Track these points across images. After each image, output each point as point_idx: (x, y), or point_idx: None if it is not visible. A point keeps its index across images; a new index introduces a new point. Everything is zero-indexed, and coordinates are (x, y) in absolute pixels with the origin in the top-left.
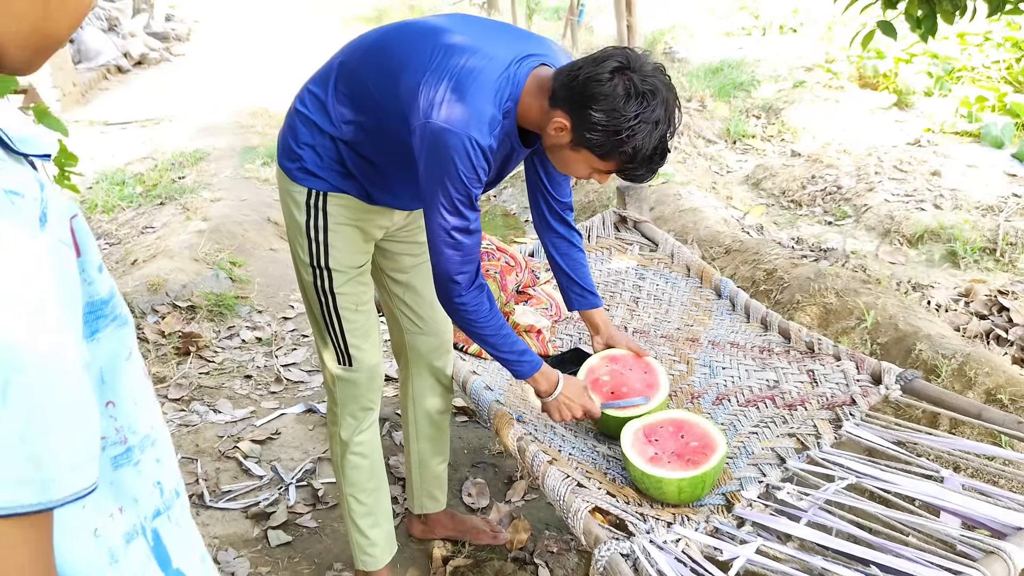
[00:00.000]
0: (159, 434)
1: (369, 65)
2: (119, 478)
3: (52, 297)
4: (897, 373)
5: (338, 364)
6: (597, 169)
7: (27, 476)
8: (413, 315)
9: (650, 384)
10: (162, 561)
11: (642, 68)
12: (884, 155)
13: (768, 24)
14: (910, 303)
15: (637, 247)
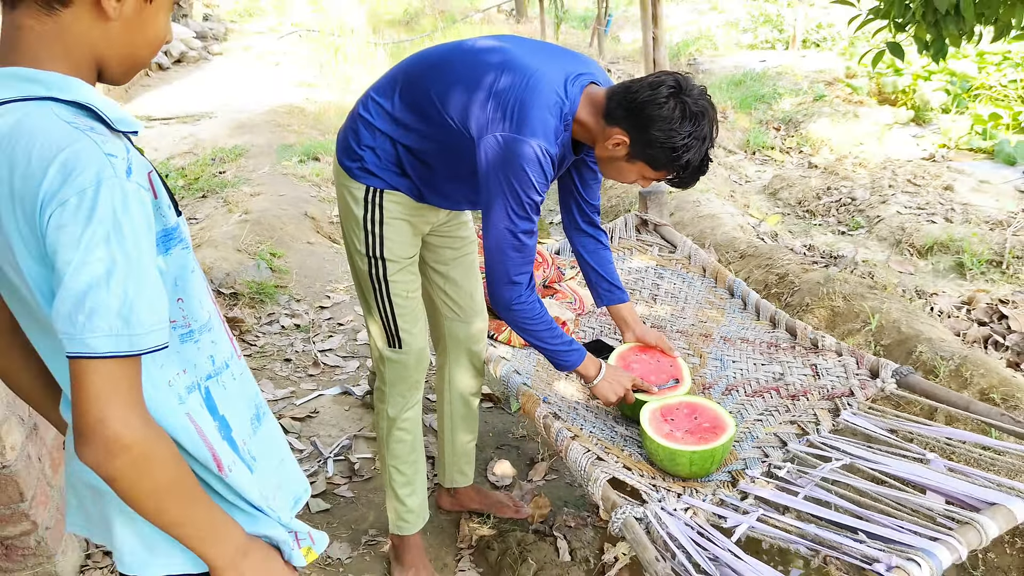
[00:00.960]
0: (214, 323)
1: (433, 79)
2: (184, 350)
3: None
4: (893, 368)
5: (389, 347)
6: (647, 177)
7: (120, 331)
8: (453, 304)
9: (675, 376)
10: (211, 409)
11: (692, 92)
12: (899, 169)
13: (791, 38)
14: (914, 309)
15: (657, 249)
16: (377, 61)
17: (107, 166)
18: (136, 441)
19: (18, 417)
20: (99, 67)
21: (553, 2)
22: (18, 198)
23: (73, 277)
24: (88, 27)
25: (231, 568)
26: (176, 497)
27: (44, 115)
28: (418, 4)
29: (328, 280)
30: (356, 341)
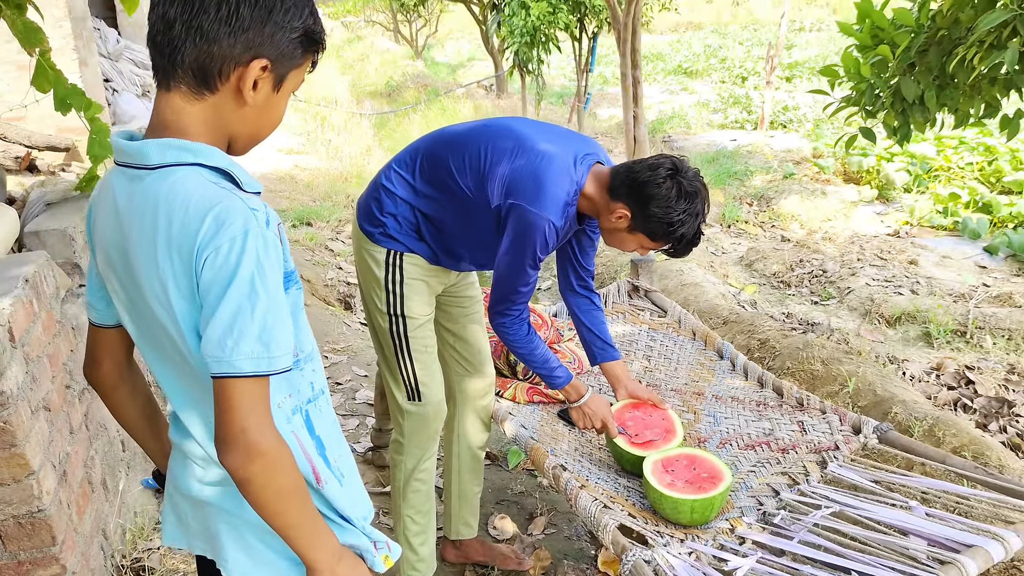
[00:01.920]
0: (315, 355)
1: (452, 155)
2: (291, 376)
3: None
4: (874, 425)
5: (409, 400)
6: (645, 247)
7: (262, 355)
8: (462, 359)
9: (668, 429)
10: (310, 429)
11: (687, 173)
12: (866, 244)
13: (759, 119)
14: (887, 373)
15: (648, 313)
16: (362, 131)
17: (252, 218)
18: (270, 448)
19: (51, 464)
20: (230, 141)
21: (534, 79)
22: (175, 245)
23: (225, 308)
24: (229, 110)
25: (328, 571)
26: (294, 501)
27: (195, 177)
28: (400, 78)
29: (325, 341)
30: (355, 400)
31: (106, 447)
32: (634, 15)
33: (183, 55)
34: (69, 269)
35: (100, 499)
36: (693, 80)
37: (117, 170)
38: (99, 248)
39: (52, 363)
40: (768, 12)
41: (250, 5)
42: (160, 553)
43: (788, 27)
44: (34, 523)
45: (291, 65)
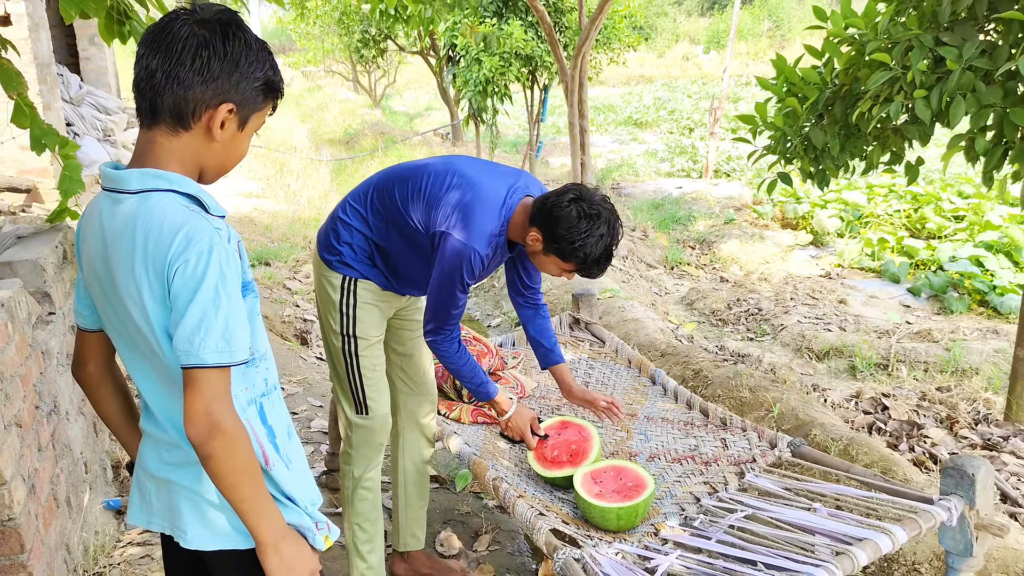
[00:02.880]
0: (268, 355)
1: (399, 188)
2: (248, 372)
3: (232, 271)
4: (788, 440)
5: (357, 413)
6: (563, 268)
7: (224, 349)
8: (408, 379)
9: (586, 438)
10: (263, 419)
11: (591, 198)
12: (799, 284)
13: (704, 168)
14: (810, 399)
15: (588, 343)
16: (320, 177)
17: (216, 235)
18: (230, 428)
19: (21, 477)
20: (200, 171)
21: (488, 129)
22: (150, 257)
23: (193, 310)
24: (200, 145)
25: (273, 545)
26: (248, 477)
27: (168, 201)
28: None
29: (283, 374)
30: (310, 428)
31: (70, 467)
32: (581, 69)
33: (163, 99)
34: (40, 297)
35: (64, 515)
36: (643, 131)
37: (103, 194)
38: (85, 261)
39: (24, 383)
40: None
41: (220, 58)
42: (120, 569)
43: (736, 82)
44: (4, 531)
45: (253, 108)
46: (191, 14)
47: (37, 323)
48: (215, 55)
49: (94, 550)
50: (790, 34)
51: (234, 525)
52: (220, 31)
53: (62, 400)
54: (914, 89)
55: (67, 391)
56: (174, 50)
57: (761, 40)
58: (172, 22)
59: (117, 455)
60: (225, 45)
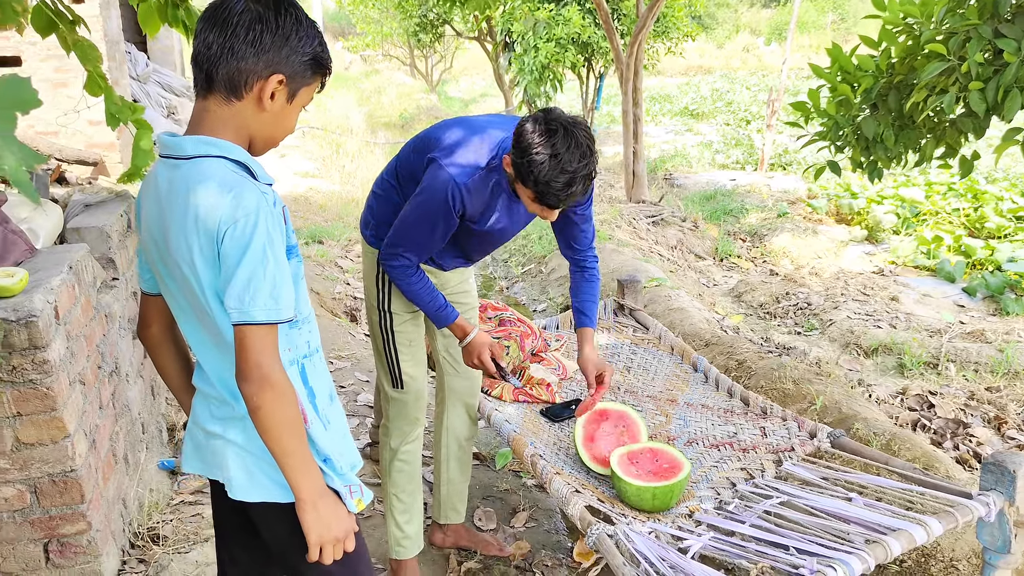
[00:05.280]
0: (311, 318)
1: (417, 150)
2: (291, 333)
3: (278, 234)
4: (828, 431)
5: (392, 387)
6: (529, 198)
7: (272, 307)
8: (453, 361)
9: (632, 433)
10: (304, 379)
11: (557, 118)
12: (851, 280)
13: (759, 160)
14: (854, 394)
15: (631, 329)
16: (375, 159)
17: (263, 199)
18: (278, 381)
19: (83, 431)
20: (249, 142)
21: None
22: (201, 220)
23: (243, 270)
24: (250, 114)
25: (311, 502)
26: (292, 431)
27: (219, 167)
28: (414, 110)
29: (331, 348)
30: (356, 402)
31: (129, 426)
32: (636, 57)
33: (218, 70)
34: (104, 263)
35: (122, 472)
36: (698, 122)
37: (160, 161)
38: (144, 226)
39: (88, 343)
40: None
41: (272, 32)
42: (172, 526)
43: (796, 75)
44: (66, 482)
45: (302, 82)
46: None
47: (101, 287)
48: (267, 29)
49: (148, 506)
50: (855, 27)
51: (275, 479)
52: (273, 7)
53: (123, 362)
54: (969, 81)
55: (128, 354)
56: (230, 24)
57: (825, 33)
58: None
59: (172, 418)
60: (277, 19)
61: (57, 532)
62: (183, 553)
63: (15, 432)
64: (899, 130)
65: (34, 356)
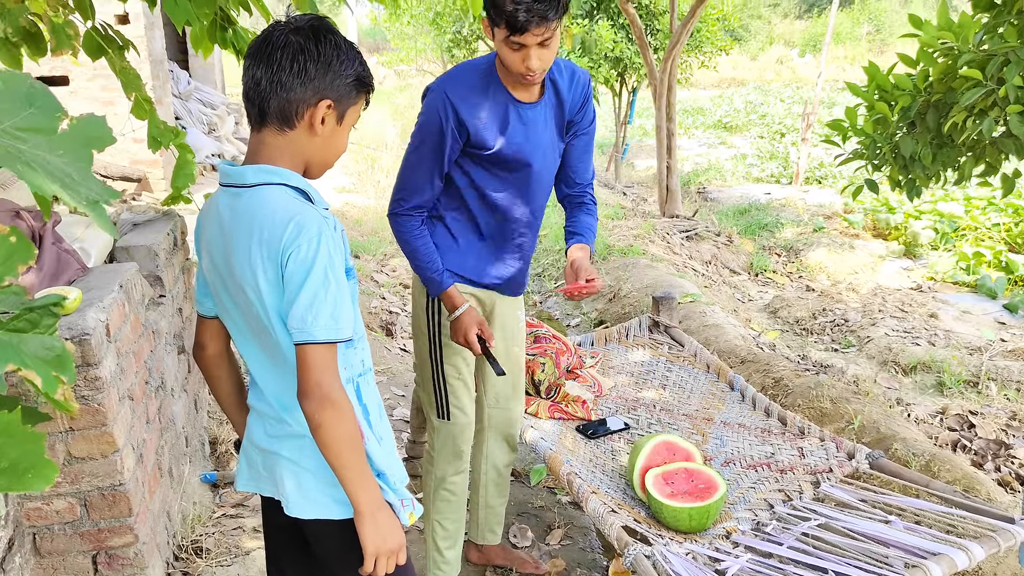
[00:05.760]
0: (364, 338)
1: None
2: (347, 353)
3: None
4: (867, 452)
5: (438, 417)
6: (501, 40)
7: (332, 327)
8: (495, 392)
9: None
10: (358, 397)
11: None
12: (889, 296)
13: (794, 174)
14: (892, 413)
15: (667, 347)
16: None
17: (324, 223)
18: (338, 400)
19: (132, 446)
20: (305, 167)
21: None
22: (266, 244)
23: (305, 292)
24: (304, 141)
25: (370, 514)
26: (352, 447)
27: (280, 194)
28: None
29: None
30: (392, 416)
31: (173, 440)
32: (670, 72)
33: (269, 104)
34: (152, 280)
35: (166, 485)
36: (732, 135)
37: (221, 190)
38: (205, 252)
39: (136, 359)
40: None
41: (314, 61)
42: (215, 538)
43: (832, 86)
44: (115, 495)
45: (349, 103)
46: (286, 25)
47: (149, 304)
48: (310, 58)
49: (192, 519)
50: (891, 38)
51: (330, 496)
52: (313, 36)
53: (168, 377)
54: (1007, 104)
55: (173, 369)
56: (274, 58)
57: (860, 44)
58: (270, 34)
59: (215, 432)
60: (318, 48)
61: (105, 544)
62: (225, 566)
63: (67, 447)
64: (937, 149)
65: (86, 373)
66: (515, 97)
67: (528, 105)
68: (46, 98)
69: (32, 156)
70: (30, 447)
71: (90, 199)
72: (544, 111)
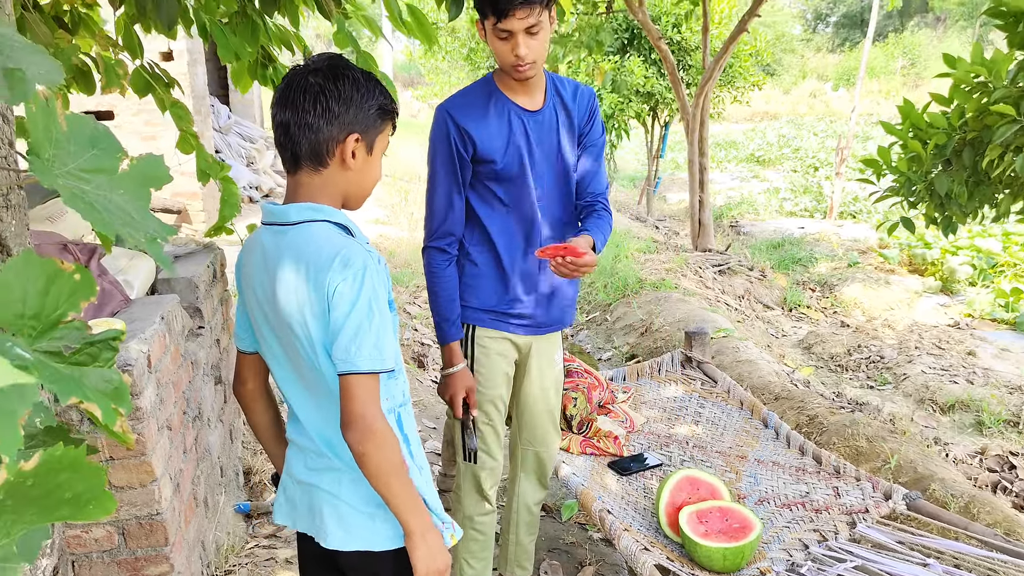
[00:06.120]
0: (403, 369)
1: None
2: (388, 383)
3: (382, 289)
4: (904, 493)
5: (464, 460)
6: (490, 29)
7: (376, 357)
8: (529, 433)
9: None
10: (399, 427)
11: None
12: (925, 333)
13: (828, 209)
14: (930, 453)
15: (699, 382)
16: None
17: (368, 257)
18: (381, 429)
19: (169, 475)
20: (344, 200)
21: (606, 163)
22: (311, 279)
23: (350, 323)
24: (338, 176)
25: (421, 536)
26: (398, 474)
27: (324, 230)
28: None
29: None
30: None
31: (209, 470)
32: (703, 107)
33: (300, 147)
34: (192, 312)
35: (202, 515)
36: (765, 168)
37: (264, 228)
38: (247, 288)
39: (175, 389)
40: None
41: (336, 99)
42: (248, 569)
43: (866, 120)
44: (152, 524)
45: (376, 132)
46: (304, 68)
47: (189, 335)
48: (332, 97)
49: (225, 549)
50: (925, 72)
51: (370, 528)
52: (331, 75)
53: (205, 407)
54: None
55: (210, 399)
56: (298, 103)
57: (894, 78)
58: (291, 80)
59: (249, 462)
60: (338, 86)
61: (142, 573)
62: None
63: (108, 476)
64: (974, 186)
65: None
66: (518, 105)
67: (533, 112)
68: (108, 139)
69: (95, 196)
70: (93, 481)
71: (149, 236)
72: (551, 116)
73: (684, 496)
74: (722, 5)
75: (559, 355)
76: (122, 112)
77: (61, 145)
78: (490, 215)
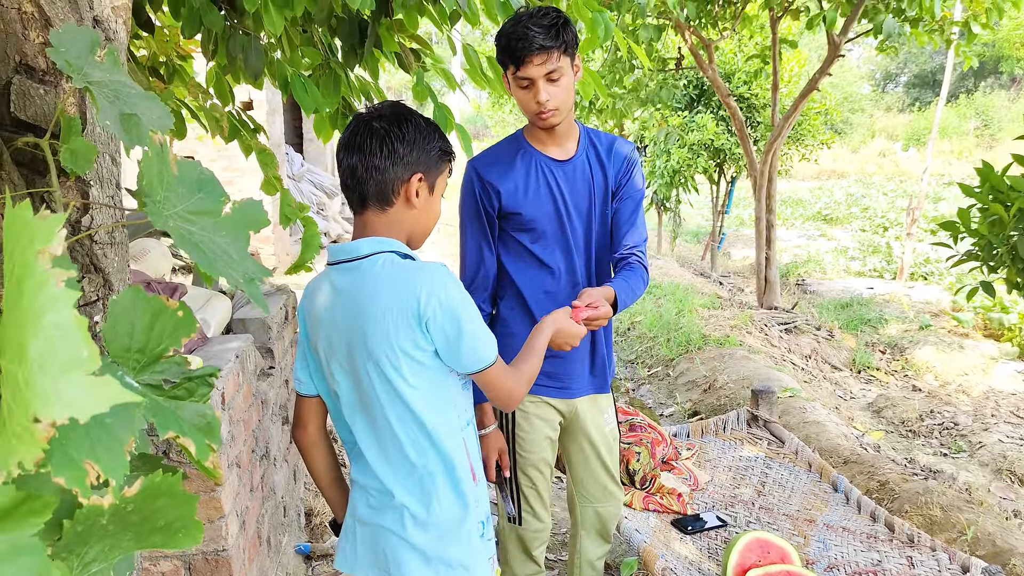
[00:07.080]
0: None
1: None
2: (463, 394)
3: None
4: (983, 567)
5: (509, 521)
6: (511, 78)
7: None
8: (587, 492)
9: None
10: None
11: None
12: (1002, 400)
13: (898, 269)
14: (1009, 526)
15: (766, 442)
16: None
17: (447, 272)
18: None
19: (236, 512)
20: (408, 238)
21: (671, 217)
22: (395, 303)
23: (466, 334)
24: (403, 214)
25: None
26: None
27: (396, 258)
28: None
29: None
30: None
31: (273, 509)
32: (770, 164)
33: (367, 188)
34: (264, 352)
35: (264, 553)
36: (832, 227)
37: (330, 269)
38: (313, 329)
39: (245, 428)
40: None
41: (401, 142)
42: None
43: (937, 181)
44: (218, 561)
45: (437, 173)
46: (369, 115)
47: (260, 375)
48: (398, 140)
49: None
50: (999, 133)
51: (428, 565)
52: (396, 120)
53: (272, 447)
54: None
55: (277, 439)
56: (365, 147)
57: (967, 139)
58: (358, 126)
59: (310, 503)
60: (402, 129)
61: None
62: None
63: None
64: None
65: None
66: (547, 155)
67: (562, 162)
68: (213, 184)
69: (200, 238)
70: (186, 509)
71: (247, 277)
72: (583, 165)
73: (753, 558)
74: (791, 64)
75: (609, 416)
76: (201, 157)
77: (172, 188)
78: (521, 271)
